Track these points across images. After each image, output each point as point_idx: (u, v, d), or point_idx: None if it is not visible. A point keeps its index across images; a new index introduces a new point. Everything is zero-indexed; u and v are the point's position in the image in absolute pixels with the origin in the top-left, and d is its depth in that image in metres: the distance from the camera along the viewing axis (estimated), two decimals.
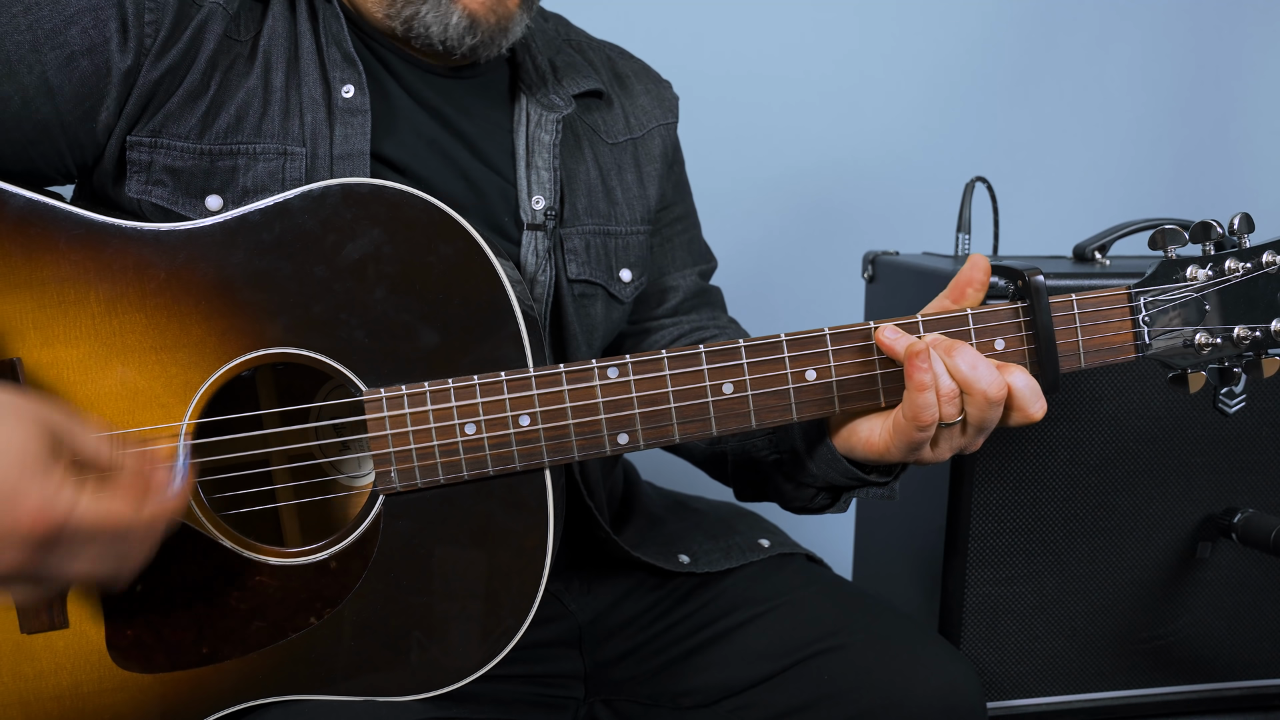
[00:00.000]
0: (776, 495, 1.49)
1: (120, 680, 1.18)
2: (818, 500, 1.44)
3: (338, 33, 1.36)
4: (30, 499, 0.95)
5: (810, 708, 1.36)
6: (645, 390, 1.20)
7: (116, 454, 1.04)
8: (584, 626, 1.52)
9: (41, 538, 0.96)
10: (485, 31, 1.37)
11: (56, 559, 0.99)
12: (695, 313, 1.67)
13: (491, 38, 1.38)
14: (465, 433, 1.18)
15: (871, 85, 2.78)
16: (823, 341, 1.21)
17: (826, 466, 1.35)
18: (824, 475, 1.37)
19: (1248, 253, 1.24)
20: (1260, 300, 1.25)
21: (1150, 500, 1.96)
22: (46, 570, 0.99)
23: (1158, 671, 2.02)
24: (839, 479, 1.36)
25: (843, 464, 1.32)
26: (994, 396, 1.16)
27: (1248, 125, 3.02)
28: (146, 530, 1.03)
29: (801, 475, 1.41)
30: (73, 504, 0.97)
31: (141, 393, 1.16)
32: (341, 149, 1.33)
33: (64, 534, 0.98)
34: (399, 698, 1.20)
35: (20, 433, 0.97)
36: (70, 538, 0.98)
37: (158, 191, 1.28)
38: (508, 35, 1.40)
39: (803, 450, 1.37)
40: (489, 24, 1.37)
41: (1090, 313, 1.24)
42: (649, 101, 1.64)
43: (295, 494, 1.30)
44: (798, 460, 1.39)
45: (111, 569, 1.03)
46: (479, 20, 1.36)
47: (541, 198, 1.45)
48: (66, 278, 1.15)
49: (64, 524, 0.97)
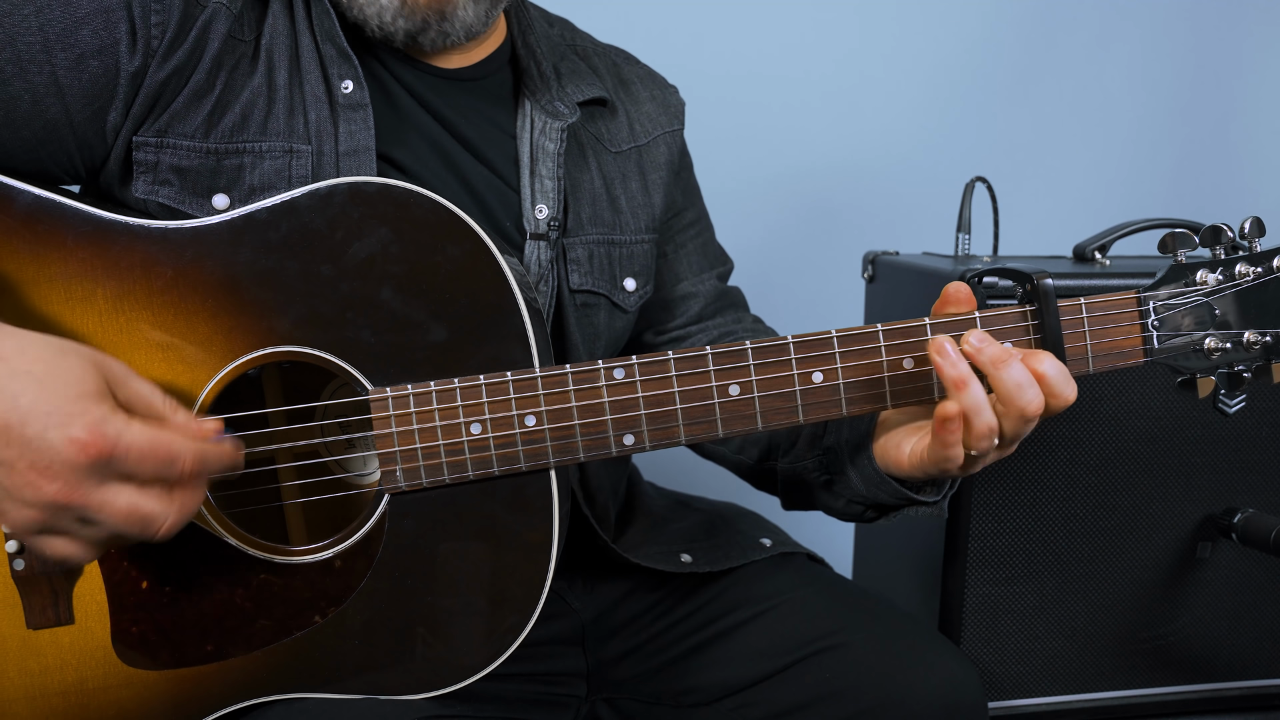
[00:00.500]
0: (825, 509, 1.49)
1: (125, 677, 1.18)
2: (867, 515, 1.44)
3: (329, 29, 1.35)
4: (82, 421, 0.98)
5: (811, 706, 1.36)
6: (651, 391, 1.20)
7: (167, 406, 1.06)
8: (586, 625, 1.52)
9: (91, 460, 0.98)
10: (420, 15, 1.34)
11: (104, 490, 1.00)
12: (720, 316, 1.67)
13: (426, 22, 1.35)
14: (471, 432, 1.18)
15: (871, 85, 2.78)
16: (830, 344, 1.21)
17: (875, 488, 1.34)
18: (872, 495, 1.36)
19: (1259, 257, 1.24)
20: (1271, 305, 1.24)
21: (1150, 500, 1.97)
22: (93, 501, 1.00)
23: (1158, 671, 2.02)
24: (887, 499, 1.36)
25: (890, 485, 1.32)
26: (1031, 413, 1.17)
27: (1248, 125, 3.02)
28: (196, 463, 1.04)
29: (850, 494, 1.41)
30: (123, 428, 0.99)
31: None
32: (346, 145, 1.33)
33: (114, 458, 0.99)
34: (403, 696, 1.20)
35: (78, 366, 1.01)
36: (120, 463, 1.00)
37: (164, 191, 1.28)
38: (450, 21, 1.36)
39: (851, 472, 1.37)
40: (420, 6, 1.34)
41: (1099, 316, 1.23)
42: (654, 108, 1.63)
43: (300, 493, 1.30)
44: (846, 481, 1.39)
45: (158, 507, 1.03)
46: (411, 2, 1.33)
47: (545, 207, 1.44)
48: (74, 275, 1.15)
49: (114, 446, 0.99)
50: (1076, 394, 1.19)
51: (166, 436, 1.02)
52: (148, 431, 1.01)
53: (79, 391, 0.99)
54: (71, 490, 0.99)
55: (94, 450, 0.98)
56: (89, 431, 0.98)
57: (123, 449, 0.99)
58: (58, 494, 0.99)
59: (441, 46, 1.41)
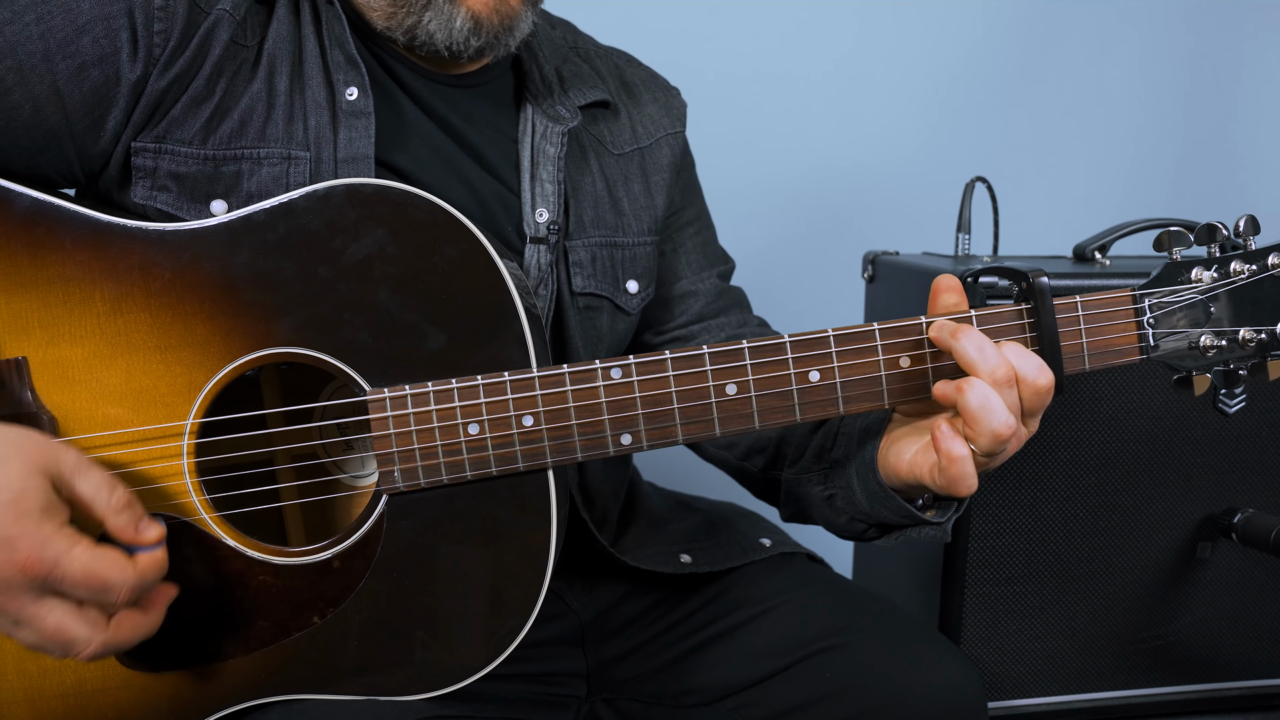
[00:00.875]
0: (825, 524, 1.47)
1: (125, 678, 1.18)
2: (869, 533, 1.41)
3: (340, 34, 1.36)
4: (23, 544, 1.00)
5: (812, 706, 1.36)
6: (649, 391, 1.20)
7: (116, 499, 1.07)
8: (586, 625, 1.52)
9: (28, 580, 1.00)
10: (490, 32, 1.36)
11: (39, 605, 1.02)
12: (723, 315, 1.66)
13: (497, 37, 1.37)
14: (469, 432, 1.18)
15: (871, 85, 2.78)
16: (826, 343, 1.21)
17: (879, 504, 1.32)
18: (876, 513, 1.34)
19: (1254, 255, 1.24)
20: (1266, 302, 1.24)
21: (1150, 500, 1.97)
22: (25, 613, 1.02)
23: (1158, 671, 2.02)
24: (892, 517, 1.33)
25: (895, 501, 1.30)
26: (1005, 435, 1.15)
27: (1248, 125, 3.02)
28: (130, 593, 1.06)
29: (853, 511, 1.38)
30: (62, 554, 1.01)
31: (146, 392, 1.16)
32: (346, 152, 1.32)
33: (49, 580, 1.01)
34: (402, 697, 1.20)
35: (22, 477, 1.01)
36: (55, 584, 1.02)
37: (162, 197, 1.28)
38: (514, 34, 1.39)
39: (856, 486, 1.35)
40: (493, 24, 1.35)
41: (1095, 314, 1.23)
42: (657, 110, 1.63)
43: (299, 494, 1.30)
44: (850, 496, 1.37)
45: (84, 632, 1.04)
46: (483, 21, 1.35)
47: (545, 210, 1.44)
48: (72, 277, 1.15)
49: (50, 571, 1.01)
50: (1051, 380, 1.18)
51: (103, 565, 1.03)
52: (85, 560, 1.02)
53: (20, 510, 1.00)
54: (7, 600, 1.01)
55: (31, 572, 1.00)
56: (27, 556, 0.99)
57: (58, 574, 1.01)
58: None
59: (500, 57, 1.43)
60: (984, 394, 1.14)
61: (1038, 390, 1.17)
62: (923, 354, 1.22)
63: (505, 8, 1.36)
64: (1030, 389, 1.17)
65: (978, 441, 1.15)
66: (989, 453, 1.16)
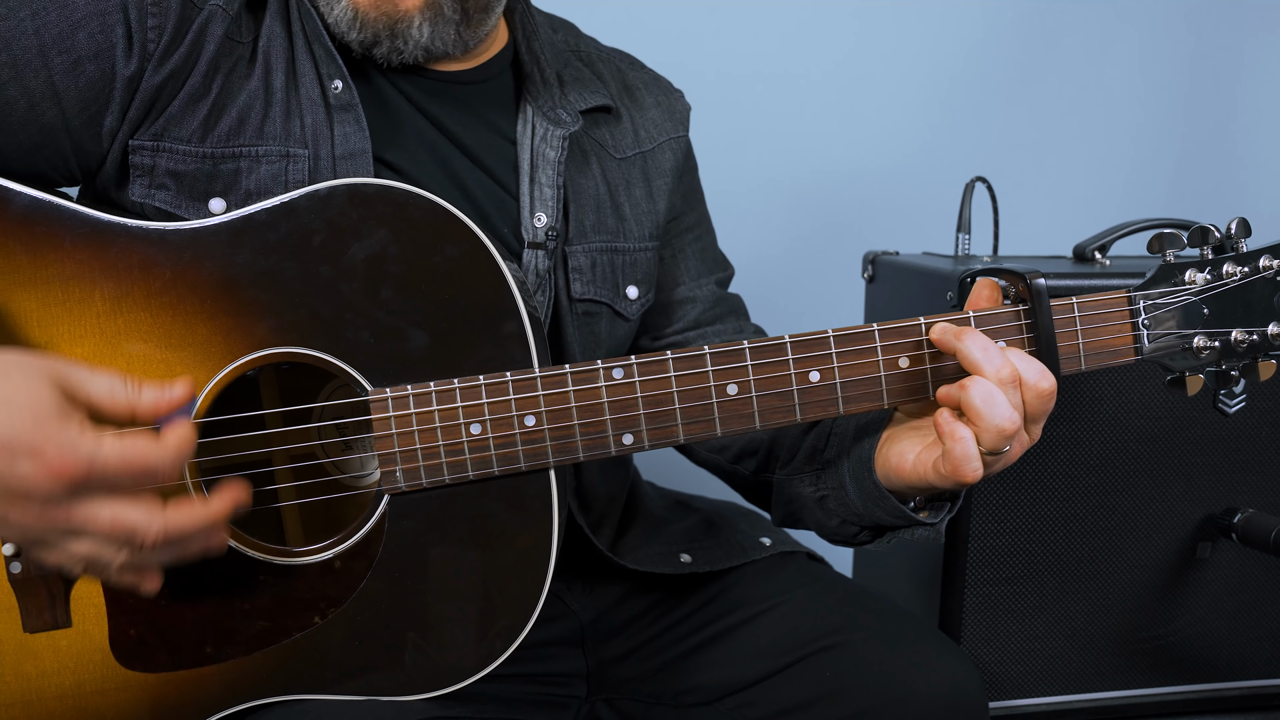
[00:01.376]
0: (817, 528, 1.46)
1: (123, 680, 1.18)
2: (860, 537, 1.41)
3: (315, 30, 1.35)
4: (50, 450, 0.96)
5: (812, 705, 1.36)
6: (650, 391, 1.20)
7: (131, 394, 1.04)
8: (586, 626, 1.52)
9: (68, 486, 0.97)
10: (370, 29, 1.33)
11: (86, 508, 0.99)
12: (720, 323, 1.65)
13: (377, 35, 1.34)
14: (470, 433, 1.18)
15: (871, 85, 2.77)
16: (826, 344, 1.21)
17: (873, 504, 1.32)
18: (869, 514, 1.34)
19: (1245, 257, 1.25)
20: (1258, 304, 1.25)
21: (1150, 500, 1.97)
22: (76, 519, 0.99)
23: (1158, 671, 2.02)
24: (885, 518, 1.33)
25: (889, 501, 1.29)
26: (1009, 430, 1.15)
27: (1248, 125, 3.02)
28: (174, 466, 1.02)
29: (845, 513, 1.38)
30: (95, 448, 0.98)
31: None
32: (343, 149, 1.32)
33: (91, 479, 0.98)
34: (402, 697, 1.20)
35: (29, 387, 0.98)
36: (98, 482, 0.99)
37: (161, 195, 1.28)
38: (403, 38, 1.35)
39: (850, 486, 1.35)
40: (370, 19, 1.33)
41: (1090, 315, 1.24)
42: (659, 114, 1.62)
43: (298, 494, 1.30)
44: (843, 497, 1.37)
45: (142, 516, 1.01)
46: (361, 14, 1.32)
47: (544, 215, 1.44)
48: (71, 276, 1.15)
49: (89, 469, 0.97)
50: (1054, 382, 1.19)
51: (140, 447, 1.00)
52: (120, 447, 0.99)
53: (36, 415, 0.97)
54: (54, 513, 0.98)
55: (68, 475, 0.96)
56: (60, 457, 0.96)
57: (98, 469, 0.98)
58: (39, 518, 0.98)
59: (397, 62, 1.38)
60: (988, 389, 1.15)
61: (1040, 394, 1.17)
62: (922, 354, 1.22)
63: (388, 6, 1.33)
64: (1033, 392, 1.17)
65: (982, 437, 1.15)
66: (992, 449, 1.16)
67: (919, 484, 1.24)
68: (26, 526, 1.00)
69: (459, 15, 1.37)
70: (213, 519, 1.06)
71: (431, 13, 1.35)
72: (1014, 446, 1.18)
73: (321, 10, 1.34)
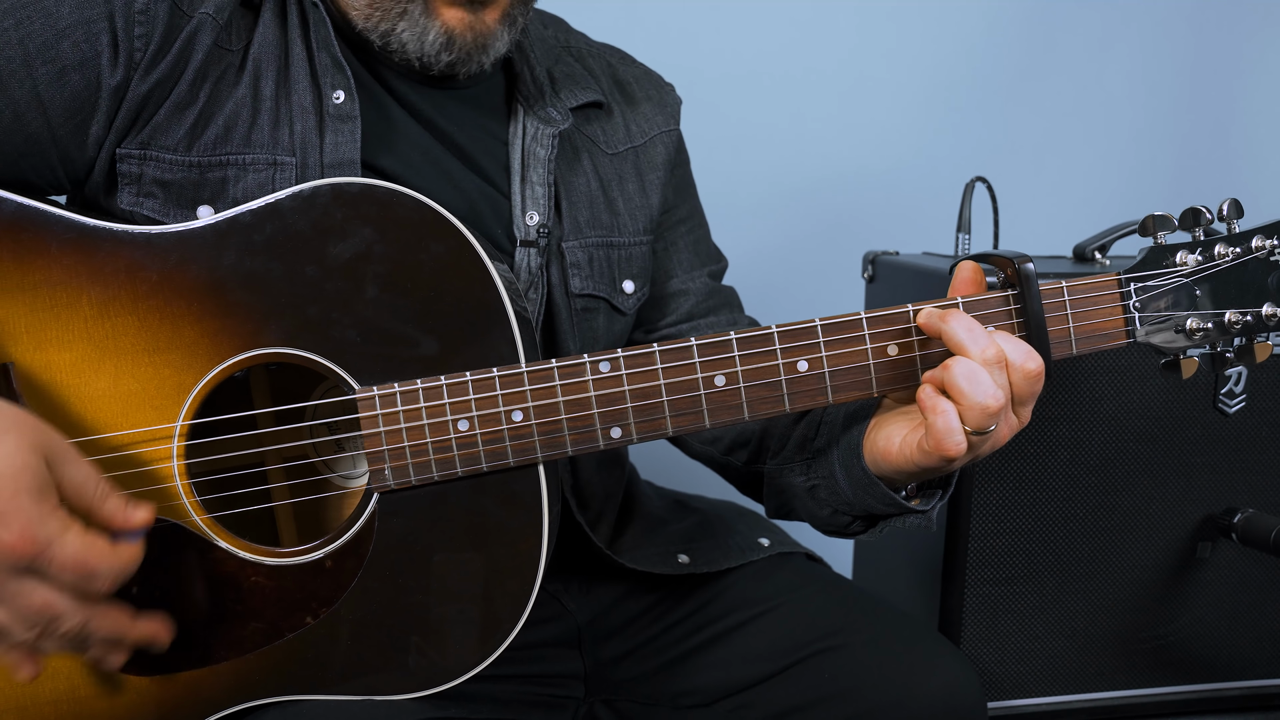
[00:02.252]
0: (809, 518, 1.46)
1: (117, 683, 1.17)
2: (853, 527, 1.41)
3: (325, 38, 1.35)
4: (16, 522, 0.98)
5: (810, 707, 1.35)
6: (637, 384, 1.20)
7: (97, 498, 1.05)
8: (583, 626, 1.51)
9: (15, 560, 0.99)
10: (462, 49, 1.36)
11: (20, 584, 1.01)
12: (713, 315, 1.65)
13: (469, 54, 1.37)
14: (459, 429, 1.18)
15: (872, 85, 2.78)
16: (814, 333, 1.20)
17: (863, 491, 1.31)
18: (860, 503, 1.33)
19: (1237, 238, 1.24)
20: (1251, 285, 1.24)
21: (1150, 500, 1.97)
22: (8, 594, 1.01)
23: (1158, 671, 2.02)
24: (876, 506, 1.32)
25: (879, 489, 1.29)
26: (993, 408, 1.14)
27: (1248, 125, 3.02)
28: (111, 584, 1.04)
29: (836, 502, 1.37)
30: (55, 536, 1.00)
31: (135, 395, 1.16)
32: (332, 157, 1.32)
33: (38, 561, 0.99)
34: (396, 697, 1.20)
35: (19, 456, 0.99)
36: (44, 567, 1.00)
37: (148, 203, 1.28)
38: (487, 52, 1.38)
39: (840, 474, 1.34)
40: (465, 41, 1.35)
41: (1080, 299, 1.23)
42: (650, 109, 1.62)
43: (289, 494, 1.30)
44: (833, 486, 1.36)
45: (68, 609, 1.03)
46: (456, 38, 1.35)
47: (536, 213, 1.44)
48: (58, 281, 1.15)
49: (41, 552, 0.99)
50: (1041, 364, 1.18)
51: (94, 552, 1.02)
52: (78, 544, 1.01)
53: (15, 488, 0.98)
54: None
55: (20, 552, 0.98)
56: (20, 535, 0.98)
57: (49, 556, 0.99)
58: None
59: (462, 73, 1.41)
60: (970, 367, 1.14)
61: (1027, 374, 1.16)
62: (910, 341, 1.22)
63: (480, 26, 1.36)
64: (1020, 373, 1.16)
65: (966, 415, 1.14)
66: (978, 428, 1.15)
67: (907, 466, 1.23)
68: None
69: (524, 16, 1.42)
70: (130, 636, 1.10)
71: (508, 21, 1.39)
72: (1001, 427, 1.17)
73: (405, 39, 1.35)
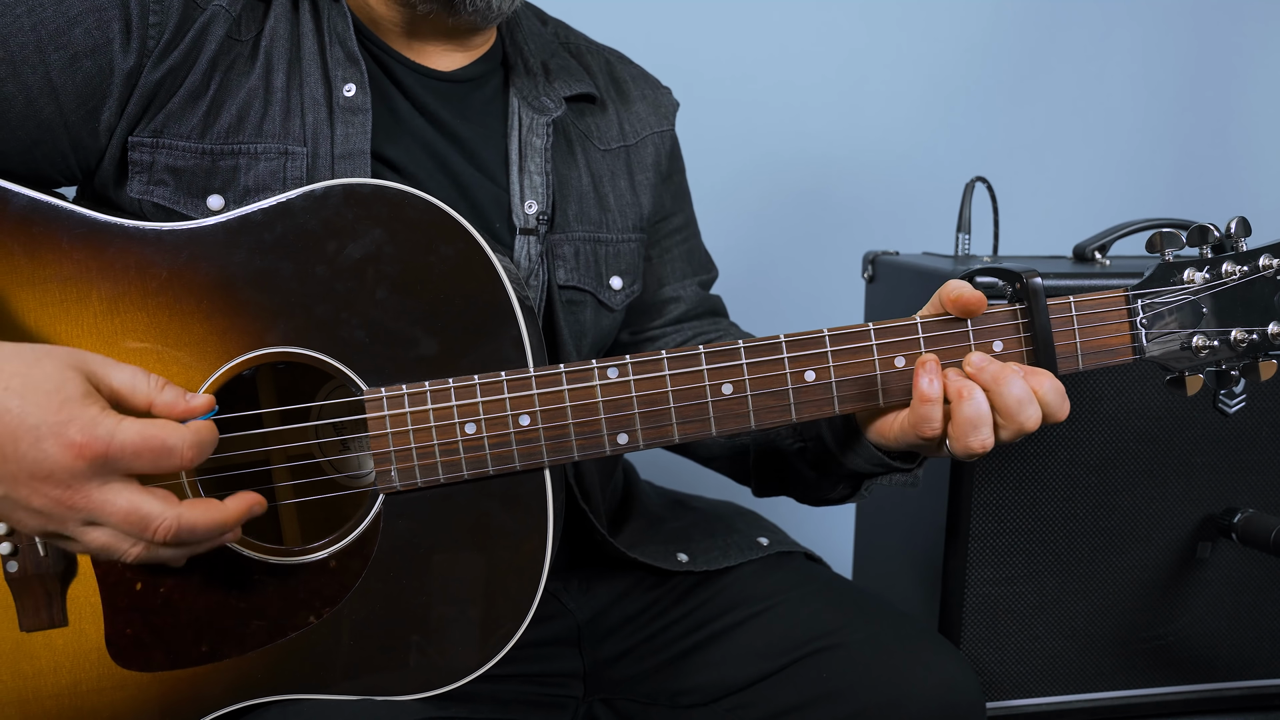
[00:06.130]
0: (796, 484, 1.48)
1: (119, 679, 1.18)
2: (839, 490, 1.43)
3: (343, 32, 1.36)
4: (72, 429, 0.98)
5: (809, 706, 1.36)
6: (645, 390, 1.20)
7: (153, 389, 1.06)
8: (583, 625, 1.52)
9: (89, 464, 0.99)
10: None
11: (103, 491, 1.01)
12: (697, 320, 1.67)
13: None
14: (465, 432, 1.18)
15: (872, 85, 2.78)
16: (822, 343, 1.21)
17: (851, 452, 1.34)
18: (849, 462, 1.36)
19: (1245, 256, 1.25)
20: (1257, 303, 1.25)
21: (1150, 500, 1.97)
22: (94, 501, 1.01)
23: (1158, 671, 2.02)
24: (863, 465, 1.35)
25: (869, 449, 1.31)
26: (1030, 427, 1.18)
27: (1248, 125, 3.02)
28: (193, 449, 1.04)
29: (826, 463, 1.39)
30: (114, 428, 1.00)
31: None
32: (342, 148, 1.33)
33: (109, 458, 1.00)
34: (398, 697, 1.20)
35: (55, 373, 1.01)
36: (117, 462, 1.00)
37: (159, 191, 1.28)
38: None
39: (828, 437, 1.37)
40: None
41: (1088, 315, 1.24)
42: (645, 108, 1.64)
43: (295, 494, 1.30)
44: (822, 447, 1.38)
45: (158, 508, 1.03)
46: None
47: (534, 202, 1.44)
48: (69, 276, 1.15)
49: (108, 447, 0.99)
50: (1069, 411, 1.20)
51: (159, 428, 1.02)
52: (139, 426, 1.01)
53: (62, 398, 0.99)
54: (73, 496, 1.00)
55: (90, 453, 0.99)
56: (83, 435, 0.98)
57: (116, 447, 0.99)
58: (59, 501, 1.00)
59: (471, 25, 1.41)
60: (978, 408, 1.17)
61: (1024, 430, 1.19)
62: (917, 354, 1.22)
63: None
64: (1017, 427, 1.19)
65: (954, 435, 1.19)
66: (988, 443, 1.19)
67: (903, 443, 1.26)
68: (47, 512, 1.01)
69: None
70: (226, 522, 1.08)
71: None
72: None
73: None
